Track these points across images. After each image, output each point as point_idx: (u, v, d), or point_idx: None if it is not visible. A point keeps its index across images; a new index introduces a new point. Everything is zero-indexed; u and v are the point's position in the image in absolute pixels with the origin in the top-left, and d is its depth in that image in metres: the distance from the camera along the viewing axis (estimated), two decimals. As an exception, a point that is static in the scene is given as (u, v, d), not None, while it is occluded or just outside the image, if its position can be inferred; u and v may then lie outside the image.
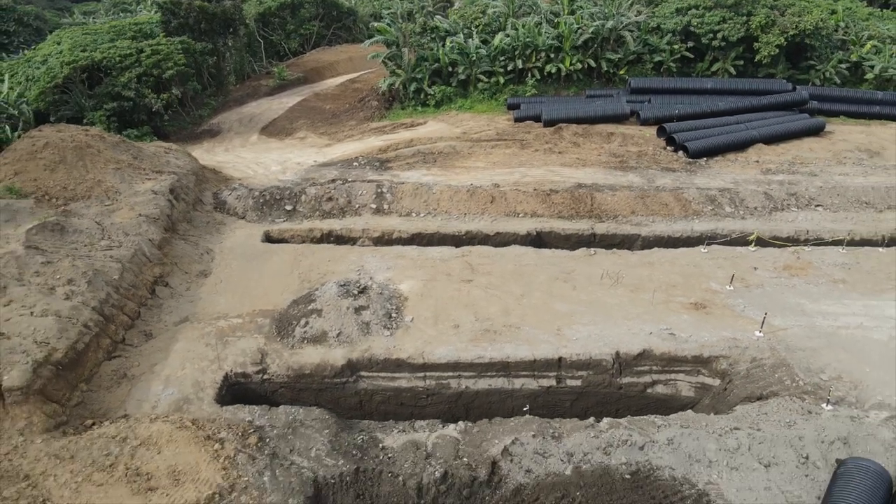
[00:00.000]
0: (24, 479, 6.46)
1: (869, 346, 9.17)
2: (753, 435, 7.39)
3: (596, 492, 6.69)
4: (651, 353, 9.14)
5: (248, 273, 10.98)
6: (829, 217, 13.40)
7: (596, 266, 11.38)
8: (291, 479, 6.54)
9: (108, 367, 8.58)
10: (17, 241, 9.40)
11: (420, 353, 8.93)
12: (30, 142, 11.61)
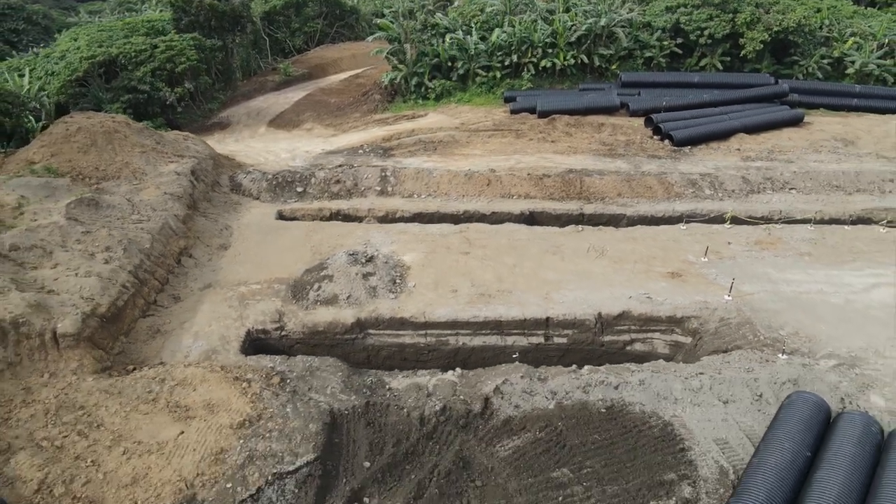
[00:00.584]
0: (80, 408, 7.47)
1: (825, 308, 10.18)
2: (715, 377, 8.41)
3: (575, 422, 7.69)
4: (630, 314, 10.16)
5: (265, 246, 12.00)
6: (802, 199, 14.41)
7: (583, 241, 12.39)
8: (311, 410, 7.55)
9: (144, 323, 9.60)
10: (59, 213, 10.41)
11: (422, 313, 9.95)
12: (64, 127, 12.65)
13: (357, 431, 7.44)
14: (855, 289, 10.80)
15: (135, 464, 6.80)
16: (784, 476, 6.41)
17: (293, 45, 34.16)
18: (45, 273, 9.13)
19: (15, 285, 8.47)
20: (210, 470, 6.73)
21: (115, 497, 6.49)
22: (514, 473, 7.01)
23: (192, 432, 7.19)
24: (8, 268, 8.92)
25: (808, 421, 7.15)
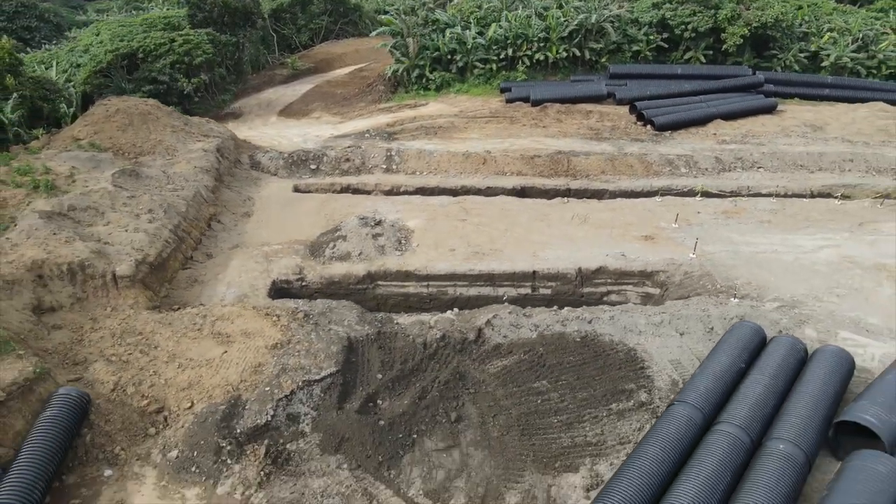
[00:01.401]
0: (139, 334, 8.92)
1: (777, 265, 11.64)
2: (674, 315, 9.87)
3: (554, 348, 9.14)
4: (606, 269, 11.62)
5: (284, 214, 13.46)
6: (768, 176, 15.86)
7: (568, 210, 13.86)
8: (331, 336, 9.00)
9: (183, 274, 11.07)
10: (106, 181, 11.87)
11: (424, 267, 11.42)
12: (104, 108, 14.11)
13: (370, 353, 8.90)
14: (805, 249, 12.26)
15: (188, 374, 8.26)
16: (722, 378, 7.87)
17: (299, 42, 35.62)
18: (99, 229, 10.59)
19: (78, 237, 9.93)
20: (251, 378, 8.19)
21: (175, 397, 7.95)
22: (501, 384, 8.47)
23: (233, 352, 8.65)
24: (69, 224, 10.38)
25: (745, 342, 8.61)
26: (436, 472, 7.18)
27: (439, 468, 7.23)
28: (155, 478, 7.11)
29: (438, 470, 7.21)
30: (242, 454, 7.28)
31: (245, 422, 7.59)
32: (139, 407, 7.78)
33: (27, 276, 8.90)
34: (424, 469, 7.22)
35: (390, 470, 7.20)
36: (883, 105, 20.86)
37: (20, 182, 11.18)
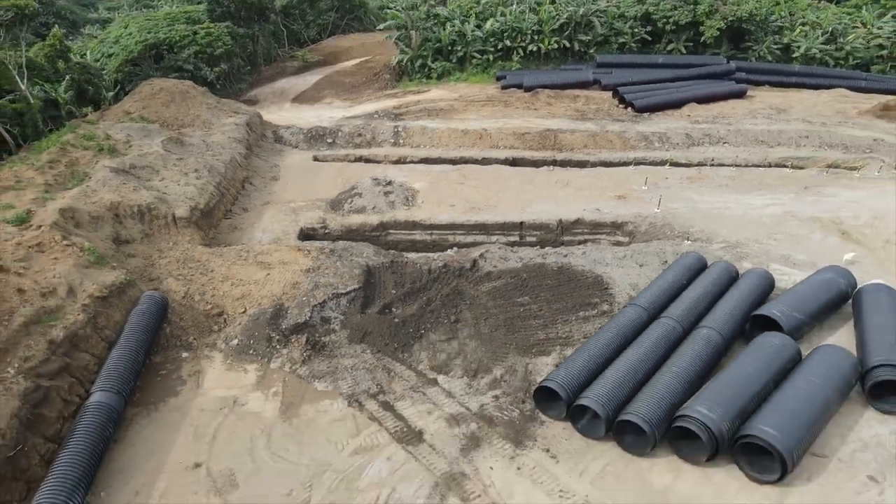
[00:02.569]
0: (197, 261, 10.96)
1: (728, 217, 13.66)
2: (636, 251, 11.92)
3: (535, 274, 11.18)
4: (583, 221, 13.67)
5: (306, 178, 15.51)
6: (732, 150, 17.90)
7: (553, 176, 15.91)
8: (353, 264, 11.05)
9: (225, 223, 13.13)
10: (157, 146, 13.91)
11: (428, 218, 13.47)
12: (149, 87, 16.19)
13: (385, 276, 10.95)
14: (754, 206, 14.30)
15: (240, 289, 10.31)
16: (666, 289, 9.92)
17: (308, 36, 37.66)
18: (156, 183, 12.64)
19: (143, 187, 11.98)
20: (290, 292, 10.23)
21: (231, 304, 10.01)
22: (491, 298, 10.51)
23: (274, 274, 10.70)
24: (132, 178, 12.43)
25: (689, 265, 10.66)
26: (439, 354, 9.23)
27: (441, 352, 9.28)
28: (221, 358, 9.16)
29: (441, 353, 9.26)
30: (288, 342, 9.33)
31: (288, 321, 9.65)
32: (204, 310, 9.84)
33: (107, 214, 10.94)
34: (430, 353, 9.26)
35: (403, 353, 9.25)
36: (844, 91, 22.94)
37: (87, 146, 13.22)
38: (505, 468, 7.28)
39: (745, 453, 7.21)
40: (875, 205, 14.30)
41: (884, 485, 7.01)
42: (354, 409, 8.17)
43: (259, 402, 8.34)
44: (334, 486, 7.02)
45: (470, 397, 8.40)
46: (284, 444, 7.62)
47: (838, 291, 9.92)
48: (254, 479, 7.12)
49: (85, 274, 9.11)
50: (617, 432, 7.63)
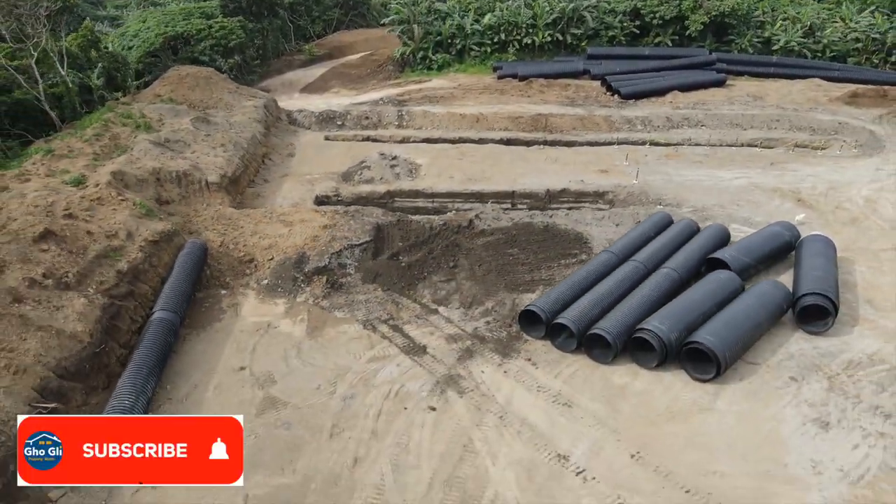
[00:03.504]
0: (228, 219, 12.57)
1: (698, 188, 15.24)
2: (613, 213, 13.54)
3: (524, 231, 12.76)
4: (568, 191, 15.26)
5: (319, 155, 17.12)
6: (708, 132, 19.48)
7: (543, 154, 17.52)
8: (364, 221, 12.65)
9: (249, 191, 14.74)
10: (187, 124, 15.53)
11: (430, 187, 15.07)
12: (177, 73, 17.83)
13: (393, 231, 12.55)
14: (723, 179, 15.89)
15: (267, 241, 11.92)
16: (635, 240, 11.53)
17: (313, 31, 39.23)
18: (189, 155, 14.25)
19: (179, 157, 13.59)
20: (311, 243, 11.84)
21: (260, 253, 11.61)
22: (485, 249, 12.11)
23: (296, 229, 12.30)
24: (168, 150, 14.03)
25: (657, 222, 12.28)
26: (439, 292, 10.85)
27: (441, 290, 10.90)
28: (254, 295, 10.78)
29: (441, 291, 10.87)
30: (310, 282, 10.95)
31: (310, 265, 11.26)
32: (237, 257, 11.45)
33: (150, 178, 12.55)
34: (432, 290, 10.88)
35: (409, 290, 10.87)
36: (819, 81, 24.47)
37: (126, 122, 14.83)
38: (493, 372, 8.90)
39: (689, 359, 8.81)
40: (832, 178, 15.91)
41: (801, 383, 8.62)
42: (369, 331, 9.78)
43: (288, 326, 9.96)
44: (354, 383, 8.64)
45: (465, 322, 10.02)
46: (312, 354, 9.25)
47: (783, 241, 11.53)
48: (288, 378, 8.74)
49: (139, 223, 10.73)
50: (586, 346, 9.24)
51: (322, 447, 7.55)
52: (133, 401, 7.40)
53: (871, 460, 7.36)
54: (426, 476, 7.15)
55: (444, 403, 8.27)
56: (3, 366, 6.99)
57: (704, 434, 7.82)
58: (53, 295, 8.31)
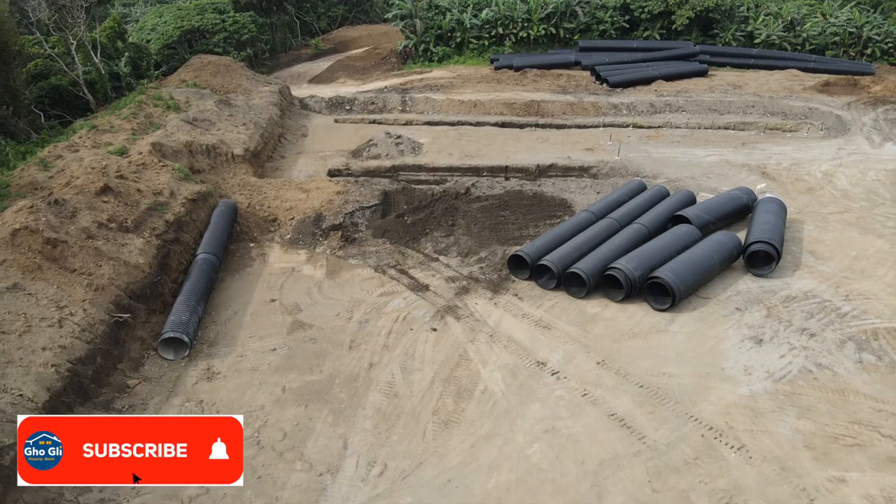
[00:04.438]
0: (252, 186, 14.19)
1: (674, 163, 16.87)
2: (595, 183, 15.16)
3: (515, 197, 14.38)
4: (556, 165, 16.86)
5: (330, 135, 18.75)
6: (687, 116, 21.10)
7: (534, 135, 19.15)
8: (373, 188, 14.28)
9: (268, 165, 16.38)
10: (211, 105, 17.15)
11: (431, 162, 16.69)
12: (200, 61, 19.48)
13: (398, 197, 14.18)
14: (697, 156, 17.51)
15: (288, 203, 13.54)
16: (612, 202, 13.15)
17: (319, 27, 40.88)
18: (215, 132, 15.88)
19: (207, 132, 15.22)
20: (327, 205, 13.46)
21: (282, 213, 13.24)
22: (479, 212, 13.73)
23: (313, 194, 13.93)
24: (196, 127, 15.66)
25: (632, 187, 13.89)
26: (440, 244, 12.48)
27: (441, 243, 12.53)
28: (279, 247, 12.41)
29: (441, 244, 12.50)
30: (327, 236, 12.57)
31: (326, 223, 12.88)
32: (263, 217, 13.08)
33: (184, 149, 14.18)
34: (433, 244, 12.51)
35: (413, 244, 12.49)
36: (795, 71, 26.08)
37: (157, 104, 16.46)
38: (486, 303, 10.53)
39: (651, 293, 10.44)
40: (796, 155, 17.53)
41: (744, 312, 10.24)
42: (379, 274, 11.42)
43: (310, 270, 11.60)
44: (368, 311, 10.27)
45: (462, 268, 11.65)
46: (331, 290, 10.88)
47: (742, 204, 13.16)
48: (312, 308, 10.37)
49: (179, 184, 12.36)
50: (565, 284, 10.85)
51: (343, 356, 9.18)
52: (188, 316, 9.03)
53: (793, 365, 8.98)
54: (429, 376, 8.78)
55: (444, 326, 9.90)
56: (86, 284, 8.62)
57: (658, 348, 9.45)
58: (118, 235, 9.94)
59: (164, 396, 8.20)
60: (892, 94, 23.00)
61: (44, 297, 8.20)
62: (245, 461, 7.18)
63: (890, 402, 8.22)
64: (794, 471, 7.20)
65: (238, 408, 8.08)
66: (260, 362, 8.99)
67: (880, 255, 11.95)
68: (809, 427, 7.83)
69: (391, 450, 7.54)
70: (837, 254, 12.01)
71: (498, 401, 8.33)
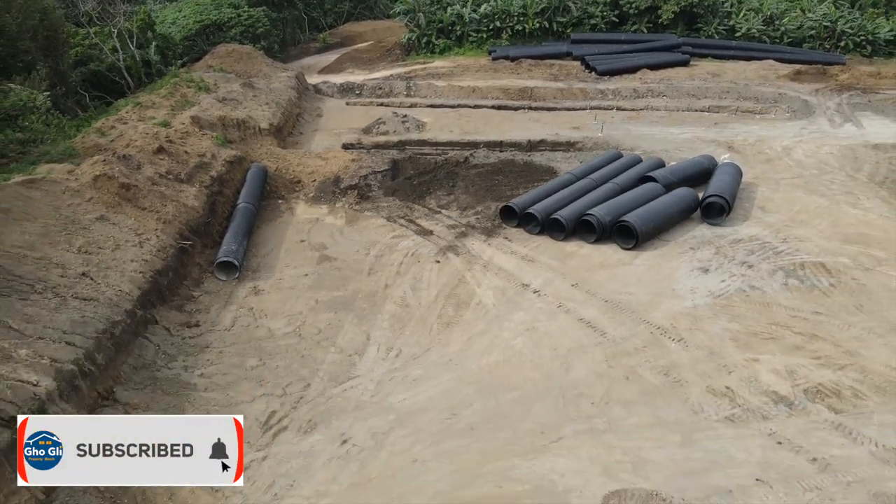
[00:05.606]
0: (278, 154, 16.21)
1: (651, 138, 18.87)
2: (579, 154, 17.19)
3: (508, 165, 16.41)
4: (546, 141, 18.87)
5: (342, 115, 20.78)
6: (667, 100, 23.12)
7: (527, 116, 21.18)
8: (384, 157, 16.32)
9: (289, 139, 18.41)
10: (237, 87, 19.17)
11: (434, 137, 18.71)
12: (224, 48, 21.54)
13: (405, 164, 16.22)
14: (673, 133, 19.53)
15: (309, 168, 15.56)
16: (592, 165, 15.17)
17: (325, 22, 42.93)
18: (242, 109, 17.91)
19: (236, 109, 17.25)
20: (343, 170, 15.48)
21: (305, 177, 15.26)
22: (476, 176, 15.76)
23: (331, 162, 15.96)
24: (226, 105, 17.69)
25: (610, 155, 15.92)
26: (442, 201, 14.51)
27: (443, 200, 14.55)
28: (304, 203, 14.44)
29: (443, 200, 14.53)
30: (345, 194, 14.60)
31: (344, 184, 14.91)
32: (289, 179, 15.12)
33: (218, 122, 16.22)
34: (436, 200, 14.54)
35: (419, 200, 14.52)
36: (772, 62, 28.06)
37: (189, 85, 18.48)
38: (480, 244, 12.56)
39: (619, 235, 12.46)
40: (762, 133, 19.56)
41: (697, 250, 12.25)
42: (391, 223, 13.46)
43: (332, 220, 13.64)
44: (382, 249, 12.31)
45: (461, 218, 13.68)
46: (350, 234, 12.93)
47: (703, 168, 15.18)
48: (335, 246, 12.41)
49: (218, 149, 14.40)
50: (548, 230, 12.88)
51: (363, 279, 11.22)
52: (236, 247, 11.07)
53: (730, 287, 11.00)
54: (433, 293, 10.82)
55: (446, 259, 11.93)
56: (156, 218, 10.65)
57: (623, 276, 11.48)
58: (175, 184, 11.97)
59: (222, 305, 10.25)
60: (857, 81, 25.08)
61: (125, 226, 10.23)
62: (290, 347, 9.28)
63: (804, 311, 10.25)
64: (720, 354, 9.23)
65: (281, 313, 10.13)
66: (296, 283, 11.03)
67: (819, 209, 13.97)
68: (736, 327, 9.86)
69: (404, 341, 9.58)
70: (783, 209, 14.04)
71: (489, 310, 10.37)
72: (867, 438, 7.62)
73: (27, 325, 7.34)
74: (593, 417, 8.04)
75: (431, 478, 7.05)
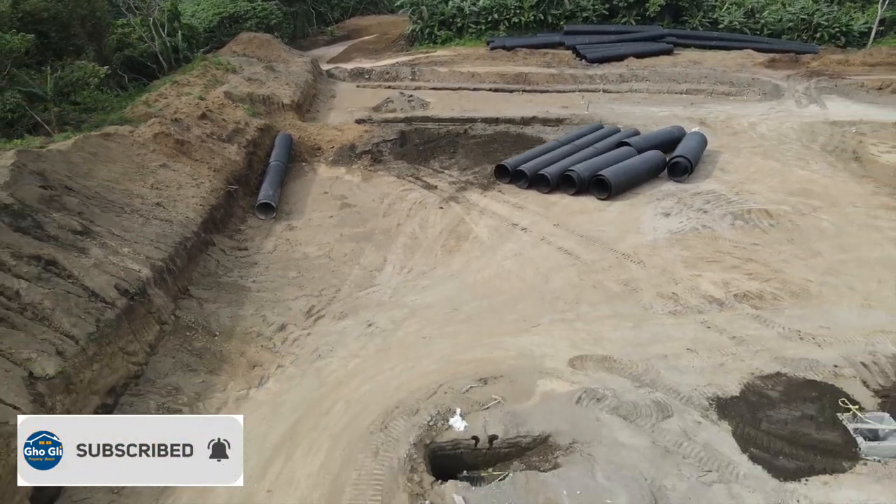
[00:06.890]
0: (299, 126, 18.37)
1: (632, 115, 21.01)
2: (566, 127, 19.35)
3: (502, 135, 18.56)
4: (537, 118, 21.00)
5: (354, 96, 22.95)
6: (649, 84, 25.26)
7: (522, 98, 23.34)
8: (392, 128, 18.47)
9: (307, 115, 20.58)
10: (260, 69, 21.35)
11: (436, 114, 20.87)
12: (247, 36, 23.72)
13: (412, 134, 18.39)
14: (652, 112, 21.67)
15: (328, 138, 17.73)
16: (574, 135, 17.33)
17: (332, 17, 45.09)
18: (266, 87, 20.07)
19: (262, 87, 19.43)
20: (358, 139, 17.64)
21: (324, 143, 17.42)
22: (475, 144, 17.93)
23: (346, 132, 18.12)
24: (252, 83, 19.85)
25: (592, 127, 18.08)
26: (444, 164, 16.67)
27: (445, 163, 16.72)
28: (324, 165, 16.61)
29: (445, 163, 16.70)
30: (360, 158, 16.77)
31: (358, 150, 17.08)
32: (310, 146, 17.28)
33: (246, 97, 18.38)
34: (439, 163, 16.70)
35: (424, 163, 16.68)
36: (750, 51, 30.17)
37: (218, 67, 20.64)
38: (478, 195, 14.73)
39: (596, 188, 14.62)
40: (732, 111, 21.71)
41: (661, 201, 14.41)
42: (400, 179, 15.63)
43: (349, 177, 15.81)
44: (394, 198, 14.48)
45: (461, 176, 15.84)
46: (366, 188, 15.10)
47: (673, 136, 17.33)
48: (354, 197, 14.58)
49: (249, 119, 16.57)
50: (535, 184, 15.04)
51: (378, 219, 13.40)
52: (273, 192, 13.24)
53: (686, 226, 13.16)
54: (438, 230, 12.99)
55: (448, 207, 14.10)
56: (208, 167, 12.82)
57: (597, 219, 13.63)
58: (218, 143, 14.15)
59: (264, 236, 12.43)
60: (826, 68, 27.21)
61: (183, 172, 12.39)
62: (322, 265, 11.46)
63: (744, 243, 12.41)
64: (671, 272, 11.39)
65: (313, 242, 12.31)
66: (322, 222, 13.21)
67: (772, 171, 16.13)
68: (686, 254, 12.03)
69: (415, 262, 11.76)
70: (741, 170, 16.20)
71: (484, 242, 12.54)
72: (777, 324, 9.79)
73: (125, 233, 9.51)
74: (566, 311, 10.21)
75: (437, 347, 9.23)
